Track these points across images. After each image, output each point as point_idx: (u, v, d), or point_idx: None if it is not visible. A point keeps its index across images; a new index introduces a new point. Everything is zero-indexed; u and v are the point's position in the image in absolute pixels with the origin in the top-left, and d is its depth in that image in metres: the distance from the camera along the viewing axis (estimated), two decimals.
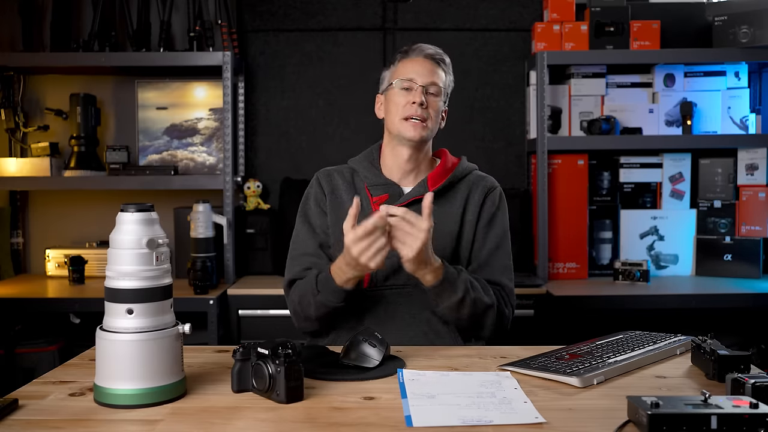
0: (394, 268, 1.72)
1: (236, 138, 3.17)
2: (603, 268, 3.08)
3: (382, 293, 1.73)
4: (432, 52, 1.80)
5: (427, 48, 1.81)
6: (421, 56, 1.80)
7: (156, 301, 1.21)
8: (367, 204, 1.77)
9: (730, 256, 2.99)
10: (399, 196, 1.78)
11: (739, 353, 1.32)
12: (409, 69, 1.78)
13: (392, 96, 1.79)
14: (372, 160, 1.85)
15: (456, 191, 1.82)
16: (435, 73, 1.79)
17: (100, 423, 1.13)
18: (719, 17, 2.93)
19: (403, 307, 1.73)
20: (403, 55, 1.83)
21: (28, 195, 3.24)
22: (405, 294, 1.73)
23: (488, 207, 1.82)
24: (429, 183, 1.78)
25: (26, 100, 3.19)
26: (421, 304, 1.72)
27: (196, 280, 2.69)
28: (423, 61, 1.79)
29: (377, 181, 1.81)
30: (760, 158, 3.02)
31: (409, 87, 1.76)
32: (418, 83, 1.76)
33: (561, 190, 3.01)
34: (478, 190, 1.83)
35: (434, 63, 1.80)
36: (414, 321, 1.72)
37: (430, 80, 1.77)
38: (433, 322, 1.73)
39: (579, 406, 1.21)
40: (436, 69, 1.80)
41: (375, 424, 1.12)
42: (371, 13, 3.23)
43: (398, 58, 1.84)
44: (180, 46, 3.18)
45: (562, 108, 3.08)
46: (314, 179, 1.87)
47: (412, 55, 1.81)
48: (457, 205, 1.80)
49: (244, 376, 1.26)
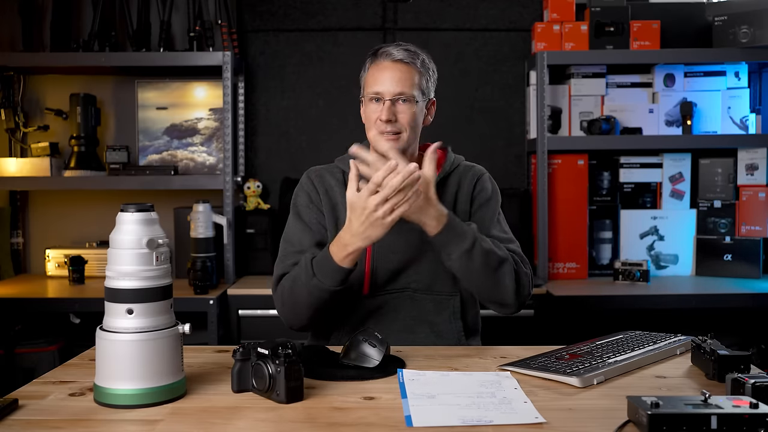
0: (393, 272, 1.71)
1: (236, 138, 3.17)
2: (603, 268, 3.08)
3: (383, 299, 1.72)
4: (400, 57, 1.68)
5: (395, 51, 1.69)
6: (389, 61, 1.68)
7: (156, 301, 1.21)
8: None
9: (730, 256, 2.99)
10: None
11: (739, 353, 1.33)
12: (377, 78, 1.68)
13: (365, 107, 1.72)
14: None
15: (446, 186, 1.78)
16: (404, 80, 1.67)
17: (100, 423, 1.13)
18: (719, 17, 2.93)
19: (405, 311, 1.72)
20: (372, 60, 1.72)
21: (28, 195, 3.24)
22: (406, 297, 1.72)
23: (479, 192, 1.79)
24: None
25: (26, 100, 3.19)
26: (423, 307, 1.71)
27: (196, 280, 2.69)
28: (391, 66, 1.68)
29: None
30: (760, 158, 3.02)
31: (378, 98, 1.68)
32: (386, 96, 1.67)
33: (561, 190, 3.01)
34: (467, 180, 1.79)
35: (404, 66, 1.68)
36: (416, 324, 1.71)
37: (397, 91, 1.66)
38: (435, 324, 1.72)
39: (579, 406, 1.21)
40: (407, 74, 1.68)
41: (375, 424, 1.12)
42: (371, 13, 3.23)
43: (368, 63, 1.73)
44: (180, 46, 3.18)
45: (562, 108, 3.08)
46: (305, 178, 1.81)
47: (379, 59, 1.70)
48: (448, 200, 1.76)
49: (244, 376, 1.26)
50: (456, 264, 1.61)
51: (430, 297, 1.72)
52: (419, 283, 1.72)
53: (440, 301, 1.72)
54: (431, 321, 1.72)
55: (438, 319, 1.72)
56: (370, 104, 1.69)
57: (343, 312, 1.73)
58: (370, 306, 1.72)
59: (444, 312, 1.73)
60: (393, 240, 1.68)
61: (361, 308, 1.72)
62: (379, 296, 1.72)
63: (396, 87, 1.67)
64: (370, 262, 1.71)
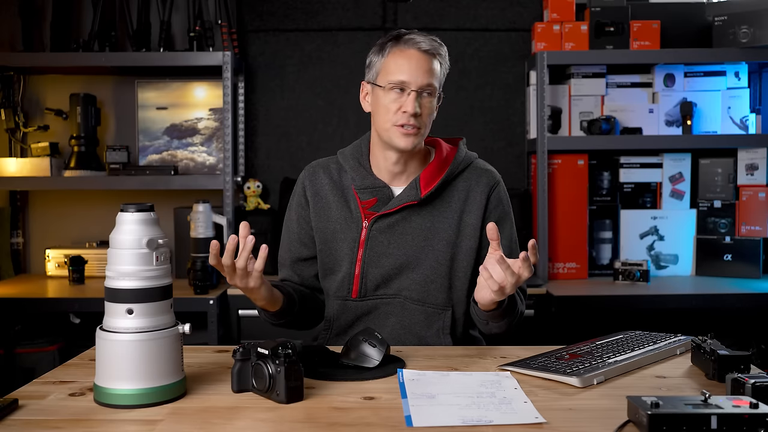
0: (384, 277, 1.66)
1: (236, 138, 3.17)
2: (603, 268, 3.08)
3: (373, 303, 1.68)
4: (427, 47, 1.59)
5: (422, 41, 1.59)
6: (415, 50, 1.59)
7: (156, 301, 1.21)
8: (356, 208, 1.68)
9: (730, 256, 2.99)
10: (389, 199, 1.66)
11: (739, 353, 1.32)
12: (402, 66, 1.58)
13: (382, 96, 1.60)
14: (360, 157, 1.70)
15: (453, 188, 1.67)
16: (430, 72, 1.59)
17: (100, 423, 1.13)
18: (719, 17, 2.93)
19: (394, 318, 1.67)
20: (394, 44, 1.61)
21: (28, 195, 3.24)
22: (396, 304, 1.67)
23: (495, 206, 1.69)
24: (421, 184, 1.64)
25: (26, 100, 3.19)
26: (413, 317, 1.67)
27: (196, 280, 2.69)
28: (418, 56, 1.58)
29: (365, 183, 1.66)
30: (760, 158, 3.02)
31: (402, 88, 1.58)
32: (412, 87, 1.57)
33: (561, 190, 3.01)
34: (479, 187, 1.67)
35: (430, 57, 1.59)
36: (404, 333, 1.67)
37: (426, 82, 1.58)
38: (423, 338, 1.67)
39: (579, 406, 1.21)
40: (432, 65, 1.59)
41: (375, 424, 1.12)
42: (371, 13, 3.23)
43: (389, 47, 1.61)
44: (180, 46, 3.18)
45: (562, 108, 3.08)
46: (299, 180, 1.76)
47: (404, 46, 1.59)
48: (454, 208, 1.66)
49: (244, 376, 1.26)
50: (493, 329, 1.60)
51: (422, 308, 1.66)
52: (412, 292, 1.66)
53: (431, 314, 1.66)
54: (419, 334, 1.67)
55: (426, 332, 1.67)
56: (390, 93, 1.58)
57: (331, 314, 1.71)
58: (358, 310, 1.68)
59: (434, 326, 1.67)
60: (386, 243, 1.66)
61: (348, 311, 1.69)
62: (369, 300, 1.68)
63: (424, 78, 1.58)
64: (360, 265, 1.66)
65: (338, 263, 1.69)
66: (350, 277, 1.67)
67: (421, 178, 1.65)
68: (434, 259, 1.65)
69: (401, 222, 1.66)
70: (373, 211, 1.67)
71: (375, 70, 1.64)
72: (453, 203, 1.67)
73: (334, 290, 1.70)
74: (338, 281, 1.68)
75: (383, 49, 1.63)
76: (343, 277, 1.68)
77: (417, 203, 1.65)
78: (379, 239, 1.66)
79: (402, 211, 1.65)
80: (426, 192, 1.64)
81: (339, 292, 1.69)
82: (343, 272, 1.68)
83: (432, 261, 1.65)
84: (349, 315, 1.69)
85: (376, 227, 1.66)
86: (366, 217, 1.67)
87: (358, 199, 1.68)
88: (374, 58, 1.65)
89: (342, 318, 1.70)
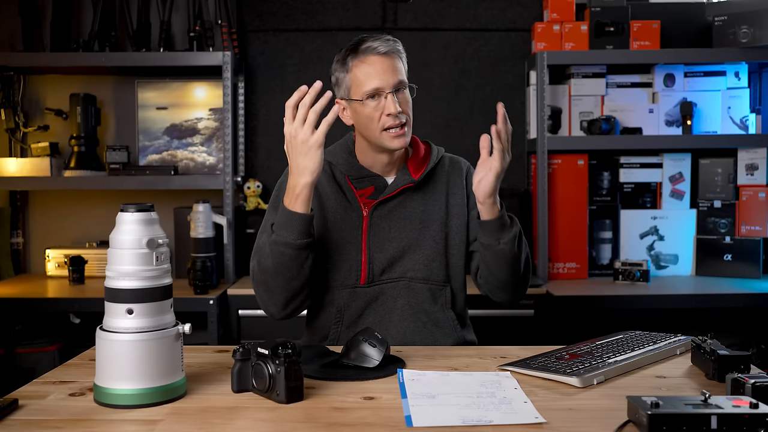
0: (389, 261, 1.72)
1: (236, 138, 3.17)
2: (603, 268, 3.08)
3: (380, 288, 1.72)
4: (385, 49, 1.64)
5: (378, 45, 1.64)
6: (375, 55, 1.64)
7: (156, 301, 1.21)
8: (353, 197, 1.73)
9: (730, 256, 2.99)
10: (384, 187, 1.74)
11: (739, 353, 1.32)
12: (370, 74, 1.63)
13: (360, 108, 1.66)
14: (350, 152, 1.77)
15: (436, 176, 1.78)
16: (396, 70, 1.65)
17: (100, 423, 1.13)
18: (719, 17, 2.93)
19: (402, 300, 1.72)
20: (354, 55, 1.65)
21: (28, 195, 3.24)
22: (402, 287, 1.72)
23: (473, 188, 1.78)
24: (411, 170, 1.74)
25: (26, 100, 3.19)
26: (420, 296, 1.72)
27: (196, 280, 2.69)
28: (380, 60, 1.64)
29: (359, 173, 1.74)
30: (760, 158, 3.02)
31: (377, 94, 1.64)
32: (387, 90, 1.63)
33: (561, 190, 3.01)
34: (455, 171, 1.80)
35: (390, 57, 1.65)
36: (413, 313, 1.72)
37: (395, 80, 1.64)
38: (432, 313, 1.73)
39: (579, 406, 1.21)
40: (395, 64, 1.65)
41: (375, 424, 1.12)
42: (371, 13, 3.23)
43: (350, 61, 1.66)
44: (180, 46, 3.18)
45: (562, 108, 3.08)
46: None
47: (363, 55, 1.64)
48: (440, 191, 1.77)
49: (244, 376, 1.26)
50: (507, 248, 1.64)
51: (426, 286, 1.73)
52: (416, 272, 1.73)
53: (435, 290, 1.74)
54: (427, 310, 1.73)
55: (433, 308, 1.74)
56: (368, 103, 1.64)
57: (341, 303, 1.72)
58: (367, 296, 1.72)
59: (438, 300, 1.74)
60: (387, 228, 1.72)
61: (358, 298, 1.72)
62: (376, 285, 1.72)
63: (393, 77, 1.64)
64: (366, 252, 1.71)
65: (341, 252, 1.72)
66: (358, 264, 1.71)
67: (408, 165, 1.76)
68: (432, 239, 1.73)
69: (399, 207, 1.74)
70: (372, 198, 1.73)
71: (345, 86, 1.69)
72: (438, 187, 1.78)
73: (341, 280, 1.72)
74: (345, 270, 1.72)
75: (345, 64, 1.68)
76: (350, 265, 1.71)
77: (413, 186, 1.74)
78: (380, 225, 1.73)
79: (399, 196, 1.73)
80: (419, 175, 1.74)
81: (347, 280, 1.72)
82: (349, 260, 1.71)
83: (430, 241, 1.73)
84: (359, 302, 1.72)
85: (377, 214, 1.73)
86: (365, 206, 1.73)
87: (354, 189, 1.74)
88: (339, 75, 1.70)
89: (352, 306, 1.72)
